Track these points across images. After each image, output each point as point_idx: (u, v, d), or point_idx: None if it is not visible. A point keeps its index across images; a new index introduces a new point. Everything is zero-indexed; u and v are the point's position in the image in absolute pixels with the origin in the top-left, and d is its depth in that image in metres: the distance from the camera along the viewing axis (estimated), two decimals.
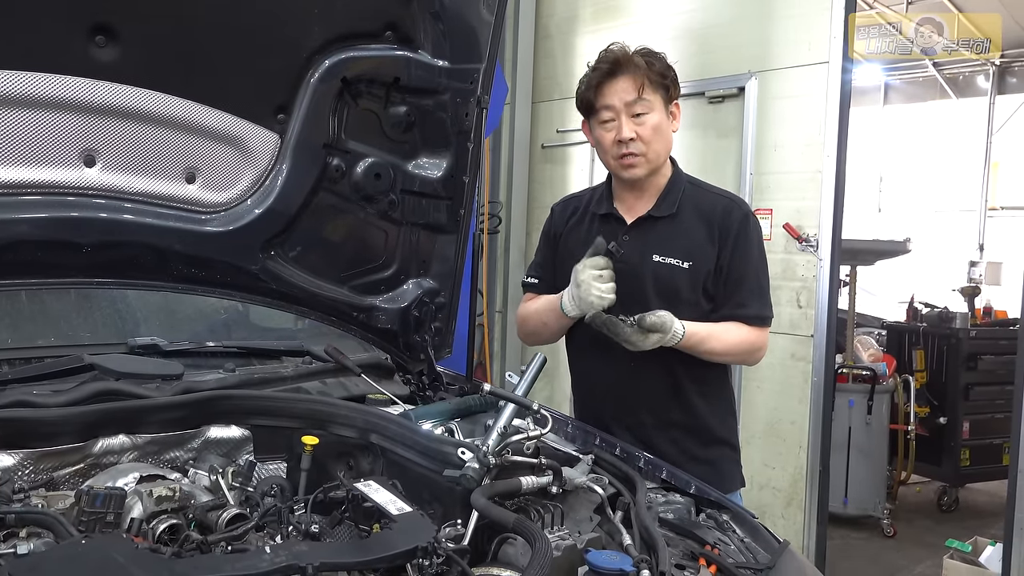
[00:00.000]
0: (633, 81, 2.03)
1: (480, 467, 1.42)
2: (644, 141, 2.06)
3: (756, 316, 2.11)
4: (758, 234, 2.15)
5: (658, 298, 2.05)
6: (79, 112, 1.59)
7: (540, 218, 5.30)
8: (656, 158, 2.09)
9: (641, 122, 2.05)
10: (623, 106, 2.04)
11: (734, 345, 2.09)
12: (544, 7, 5.30)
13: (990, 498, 5.73)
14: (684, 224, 2.12)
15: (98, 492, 1.32)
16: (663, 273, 2.08)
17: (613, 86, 2.05)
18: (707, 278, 2.08)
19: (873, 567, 4.65)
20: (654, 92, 2.05)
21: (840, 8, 3.74)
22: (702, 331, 2.03)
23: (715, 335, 2.05)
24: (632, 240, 2.12)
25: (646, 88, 2.03)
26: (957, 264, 10.43)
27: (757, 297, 2.12)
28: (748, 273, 2.11)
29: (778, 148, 3.99)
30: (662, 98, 2.07)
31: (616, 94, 2.05)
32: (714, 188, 2.23)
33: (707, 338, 2.04)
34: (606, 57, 2.07)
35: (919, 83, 13.56)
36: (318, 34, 1.79)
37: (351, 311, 2.09)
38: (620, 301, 2.02)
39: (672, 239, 2.10)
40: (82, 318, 2.13)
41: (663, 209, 2.13)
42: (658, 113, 2.06)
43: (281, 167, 1.86)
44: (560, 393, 5.05)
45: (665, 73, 2.07)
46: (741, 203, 2.20)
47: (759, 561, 1.51)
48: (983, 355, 5.60)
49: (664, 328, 1.95)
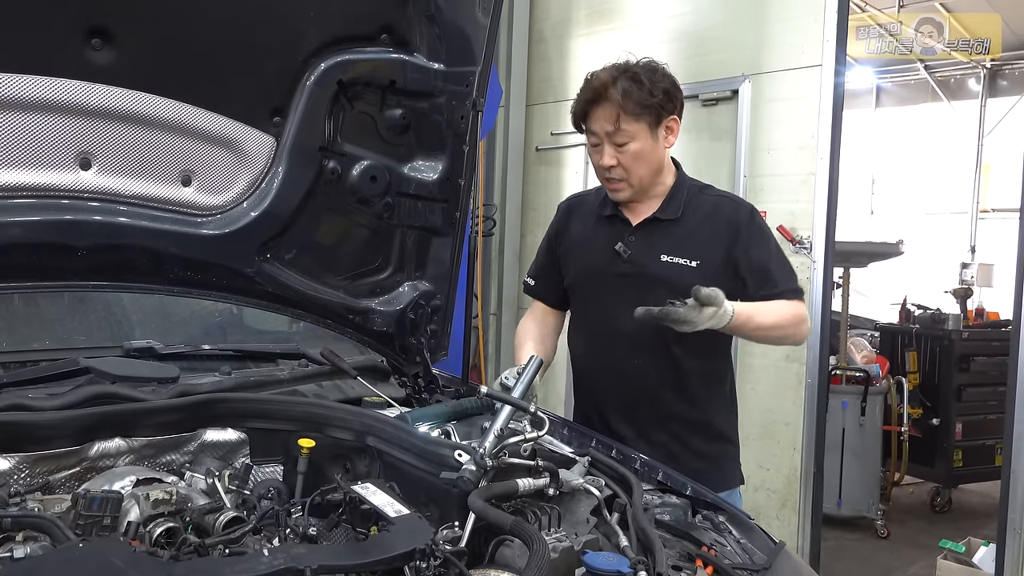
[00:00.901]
0: (609, 113, 2.05)
1: (477, 469, 1.42)
2: (625, 168, 2.09)
3: (792, 290, 2.12)
4: (765, 224, 2.21)
5: (664, 298, 2.03)
6: (75, 115, 1.59)
7: (535, 220, 5.37)
8: (640, 182, 2.12)
9: (623, 151, 2.08)
10: (604, 134, 2.08)
11: (782, 318, 2.08)
12: (538, 10, 5.30)
13: (983, 499, 5.75)
14: (690, 225, 2.15)
15: (95, 496, 1.32)
16: (672, 272, 2.10)
17: (595, 114, 2.08)
18: (716, 276, 2.07)
19: (867, 568, 4.67)
20: (634, 121, 2.05)
21: (833, 11, 3.75)
22: (748, 308, 2.02)
23: (761, 310, 2.05)
24: (639, 241, 2.16)
25: (623, 119, 2.04)
26: (949, 266, 10.48)
27: (787, 275, 2.15)
28: (770, 257, 2.15)
29: (771, 151, 4.01)
30: (647, 123, 2.07)
31: (597, 122, 2.08)
32: (717, 191, 2.26)
33: (754, 314, 2.02)
34: (588, 84, 2.09)
35: (911, 86, 13.61)
36: (314, 37, 1.79)
37: (347, 314, 2.09)
38: (629, 301, 2.03)
39: (679, 239, 2.13)
40: (77, 321, 2.13)
41: (668, 212, 2.16)
42: (640, 140, 2.07)
43: (277, 170, 1.86)
44: (555, 395, 5.06)
45: (645, 102, 2.04)
46: (744, 202, 2.26)
47: (755, 562, 1.51)
48: (975, 356, 5.63)
49: (718, 300, 1.91)
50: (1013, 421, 3.18)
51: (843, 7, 3.76)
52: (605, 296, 2.19)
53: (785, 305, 2.10)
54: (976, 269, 10.02)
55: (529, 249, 5.43)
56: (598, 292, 2.21)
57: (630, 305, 2.04)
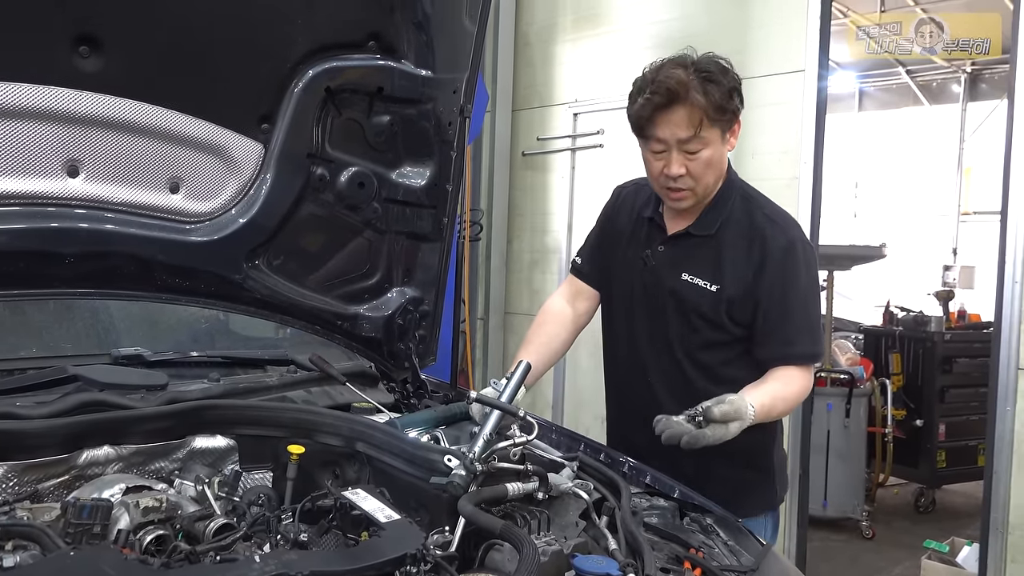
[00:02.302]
0: (690, 118, 1.83)
1: (467, 474, 1.43)
2: (694, 177, 1.90)
3: (806, 355, 1.95)
4: (807, 262, 1.97)
5: (677, 316, 1.99)
6: (63, 122, 1.58)
7: (521, 225, 5.39)
8: (706, 190, 1.95)
9: (694, 158, 1.88)
10: (675, 142, 1.86)
11: (795, 401, 1.95)
12: (524, 15, 5.32)
13: (966, 499, 5.80)
14: (722, 245, 1.97)
15: (84, 504, 1.32)
16: (688, 292, 1.97)
17: (667, 118, 1.84)
18: (735, 303, 1.94)
19: (853, 569, 4.70)
20: (711, 127, 1.85)
21: (815, 17, 3.79)
22: (767, 399, 1.85)
23: (779, 398, 1.89)
24: (666, 252, 2.03)
25: (704, 125, 1.83)
26: (931, 268, 10.58)
27: (806, 333, 1.95)
28: (794, 307, 1.94)
29: (756, 155, 4.04)
30: (720, 128, 1.87)
31: (669, 128, 1.85)
32: (767, 206, 2.03)
33: (773, 406, 1.87)
34: (660, 86, 1.84)
35: (893, 90, 13.73)
36: (302, 44, 1.79)
37: (335, 320, 2.09)
38: (643, 314, 2.01)
39: (705, 259, 1.97)
40: (65, 329, 2.12)
41: (702, 228, 1.99)
42: (713, 147, 1.88)
43: (265, 177, 1.86)
44: (542, 400, 5.07)
45: (725, 105, 1.85)
46: (789, 228, 1.99)
47: (743, 564, 1.53)
48: (958, 358, 5.68)
49: (740, 414, 1.74)
50: (995, 422, 3.21)
51: (825, 12, 3.79)
52: (624, 303, 2.10)
53: (799, 379, 1.93)
54: (958, 271, 10.13)
55: (516, 254, 5.44)
56: (620, 297, 2.11)
57: (645, 318, 2.02)
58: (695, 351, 2.00)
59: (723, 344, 1.99)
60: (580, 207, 5.02)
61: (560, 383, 5.08)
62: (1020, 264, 3.15)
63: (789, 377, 1.93)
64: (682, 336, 2.00)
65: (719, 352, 1.99)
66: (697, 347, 1.99)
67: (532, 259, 5.36)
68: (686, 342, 2.00)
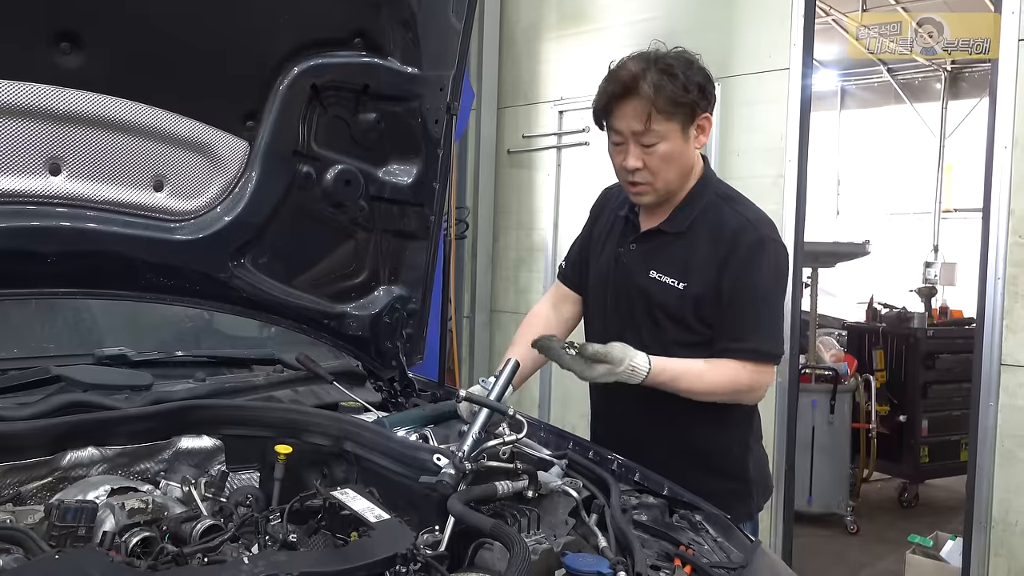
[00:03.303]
0: (639, 110, 1.84)
1: (456, 473, 1.43)
2: (652, 171, 1.89)
3: (752, 351, 1.90)
4: (774, 263, 1.95)
5: (644, 315, 1.98)
6: (44, 120, 1.57)
7: (507, 223, 5.38)
8: (666, 186, 1.93)
9: (650, 152, 1.87)
10: (631, 134, 1.87)
11: (717, 385, 1.89)
12: (509, 13, 5.32)
13: (949, 494, 5.85)
14: (693, 242, 1.95)
15: (69, 506, 1.30)
16: (655, 291, 1.96)
17: (621, 110, 1.87)
18: (702, 302, 1.92)
19: (838, 564, 4.73)
20: (666, 121, 1.84)
21: (800, 15, 3.80)
22: (675, 367, 1.85)
23: (692, 372, 1.87)
24: (637, 249, 2.03)
25: (654, 118, 1.83)
26: (913, 265, 10.65)
27: (757, 331, 1.92)
28: (749, 303, 1.91)
29: (741, 154, 4.05)
30: (679, 123, 1.86)
31: (623, 119, 1.87)
32: (742, 206, 2.01)
33: (681, 375, 1.86)
34: (614, 75, 1.87)
35: (874, 89, 13.83)
36: (287, 41, 1.78)
37: (322, 318, 2.08)
38: (614, 313, 2.01)
39: (674, 257, 1.96)
40: (47, 329, 2.09)
41: (673, 225, 1.98)
42: (670, 141, 1.87)
43: (251, 174, 1.85)
44: (528, 398, 5.06)
45: (680, 98, 1.83)
46: (761, 224, 1.97)
47: (732, 560, 1.53)
48: (940, 354, 5.72)
49: (611, 359, 1.78)
50: (978, 417, 3.24)
51: (809, 11, 3.81)
52: (599, 301, 2.10)
53: (734, 371, 1.89)
54: (939, 268, 10.21)
55: (502, 251, 5.43)
56: (597, 297, 2.11)
57: (617, 317, 2.02)
58: (667, 350, 1.94)
59: (693, 345, 1.95)
60: (566, 205, 5.02)
61: (547, 381, 5.08)
62: (1002, 260, 3.17)
63: (723, 364, 1.90)
64: (653, 335, 1.98)
65: (690, 352, 1.94)
66: (668, 346, 1.95)
67: (518, 257, 5.35)
68: (656, 341, 1.96)
